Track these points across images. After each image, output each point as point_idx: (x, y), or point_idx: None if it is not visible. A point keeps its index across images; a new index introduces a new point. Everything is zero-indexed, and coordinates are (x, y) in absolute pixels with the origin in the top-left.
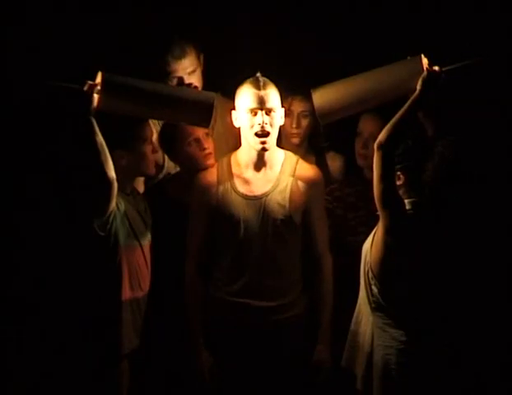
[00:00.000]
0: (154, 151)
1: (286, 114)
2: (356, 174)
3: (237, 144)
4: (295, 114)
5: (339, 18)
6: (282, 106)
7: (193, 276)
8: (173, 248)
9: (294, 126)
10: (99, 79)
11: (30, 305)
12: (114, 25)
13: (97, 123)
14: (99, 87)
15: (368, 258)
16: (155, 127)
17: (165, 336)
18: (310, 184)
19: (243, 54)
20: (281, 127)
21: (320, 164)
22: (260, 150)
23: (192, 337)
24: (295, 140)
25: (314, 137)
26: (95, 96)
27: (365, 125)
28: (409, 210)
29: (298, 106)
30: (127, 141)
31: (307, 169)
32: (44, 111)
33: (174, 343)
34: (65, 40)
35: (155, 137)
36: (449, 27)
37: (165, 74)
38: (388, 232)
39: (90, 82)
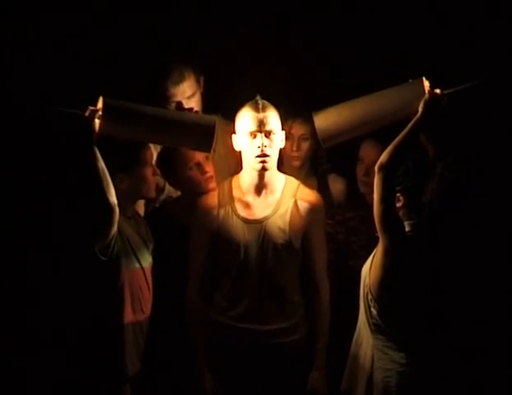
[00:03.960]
0: (154, 174)
1: (287, 138)
2: (357, 198)
3: (238, 166)
4: (296, 138)
5: (340, 41)
6: (283, 129)
7: (195, 300)
8: (174, 270)
9: (294, 149)
10: (100, 104)
11: (32, 329)
12: (113, 50)
13: (97, 147)
14: (100, 112)
15: (367, 280)
16: (155, 150)
17: (167, 360)
18: (311, 209)
19: (244, 77)
20: (281, 151)
21: (322, 187)
22: (260, 169)
23: (196, 360)
24: (296, 163)
25: (315, 160)
26: (97, 121)
27: (367, 152)
28: (408, 232)
29: (298, 129)
30: (127, 164)
31: (308, 194)
32: (46, 136)
33: (177, 366)
34: (65, 66)
35: (154, 159)
36: (450, 50)
37: (164, 98)
38: (387, 254)
39: (92, 108)
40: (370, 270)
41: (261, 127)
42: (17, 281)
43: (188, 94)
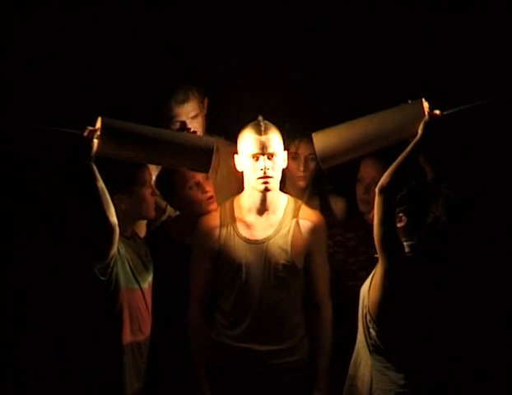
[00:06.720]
0: (153, 194)
1: (294, 157)
2: (357, 218)
3: (240, 187)
4: (303, 158)
5: (342, 61)
6: (286, 149)
7: (196, 320)
8: (174, 291)
9: (301, 169)
10: (98, 124)
11: (30, 351)
12: (115, 69)
13: (96, 166)
14: (98, 132)
15: (366, 301)
16: (155, 170)
17: (167, 380)
18: (312, 229)
19: (248, 98)
20: (285, 171)
21: (324, 206)
22: (263, 190)
23: (196, 380)
24: (302, 183)
25: (318, 180)
26: (95, 141)
27: (367, 171)
28: (408, 253)
29: (305, 149)
30: (126, 185)
31: (309, 214)
32: (44, 157)
33: (178, 387)
34: (65, 86)
35: (153, 179)
36: (450, 71)
37: (167, 118)
38: (386, 275)
39: (90, 128)
40: (368, 291)
41: (263, 150)
42: (15, 304)
43: (191, 114)
